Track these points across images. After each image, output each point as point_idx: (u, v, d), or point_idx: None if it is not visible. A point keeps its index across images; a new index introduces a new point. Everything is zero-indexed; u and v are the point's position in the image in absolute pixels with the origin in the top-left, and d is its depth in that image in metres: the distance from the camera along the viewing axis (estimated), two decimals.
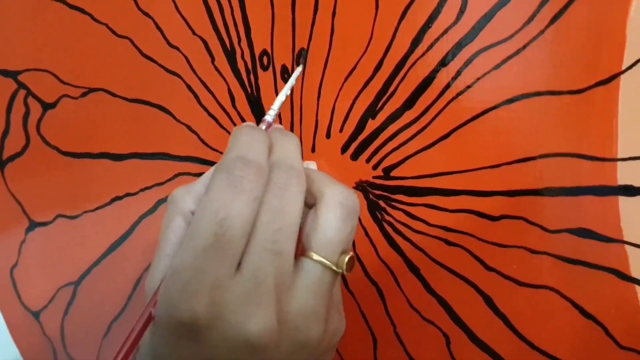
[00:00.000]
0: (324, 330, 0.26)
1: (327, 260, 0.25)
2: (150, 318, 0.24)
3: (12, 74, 0.47)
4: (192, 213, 0.27)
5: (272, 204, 0.25)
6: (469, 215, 0.32)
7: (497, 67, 0.30)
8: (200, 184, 0.28)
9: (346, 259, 0.26)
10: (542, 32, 0.29)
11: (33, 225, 0.49)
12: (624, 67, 0.28)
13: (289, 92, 0.34)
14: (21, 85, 0.47)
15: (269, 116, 0.34)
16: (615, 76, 0.28)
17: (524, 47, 0.29)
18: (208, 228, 0.23)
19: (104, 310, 0.48)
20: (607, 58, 0.28)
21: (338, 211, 0.26)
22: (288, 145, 0.29)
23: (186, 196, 0.27)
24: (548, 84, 0.29)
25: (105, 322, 0.48)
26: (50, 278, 0.50)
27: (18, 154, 0.48)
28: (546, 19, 0.29)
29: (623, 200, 0.28)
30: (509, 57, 0.30)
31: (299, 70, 0.35)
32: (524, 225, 0.31)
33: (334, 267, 0.26)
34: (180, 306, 0.23)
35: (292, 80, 0.34)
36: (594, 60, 0.28)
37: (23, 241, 0.50)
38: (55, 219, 0.48)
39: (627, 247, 0.29)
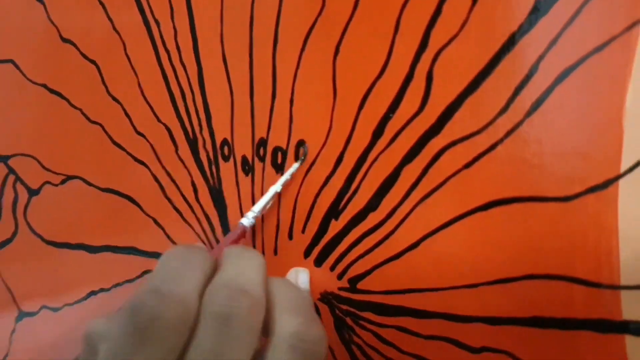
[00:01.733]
0: None
1: None
2: None
3: (3, 159, 0.45)
4: None
5: (204, 347, 0.20)
6: (445, 343, 0.26)
7: (469, 165, 0.25)
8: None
9: None
10: (519, 123, 0.23)
11: (22, 315, 0.47)
12: (622, 170, 0.21)
13: (279, 190, 0.29)
14: (11, 170, 0.45)
15: (246, 219, 0.29)
16: (612, 181, 0.22)
17: (499, 141, 0.24)
18: None
19: None
20: (602, 156, 0.22)
21: (288, 357, 0.21)
22: (243, 263, 0.23)
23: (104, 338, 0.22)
24: (531, 188, 0.23)
25: None
26: None
27: (9, 240, 0.47)
28: (524, 107, 0.23)
29: (630, 340, 0.22)
30: (483, 153, 0.24)
31: (295, 166, 0.30)
32: None
33: None
34: None
35: (286, 176, 0.30)
36: (585, 158, 0.22)
37: (13, 331, 0.48)
38: (40, 309, 0.46)
39: None
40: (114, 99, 0.37)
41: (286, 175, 0.29)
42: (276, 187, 0.29)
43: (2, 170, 0.46)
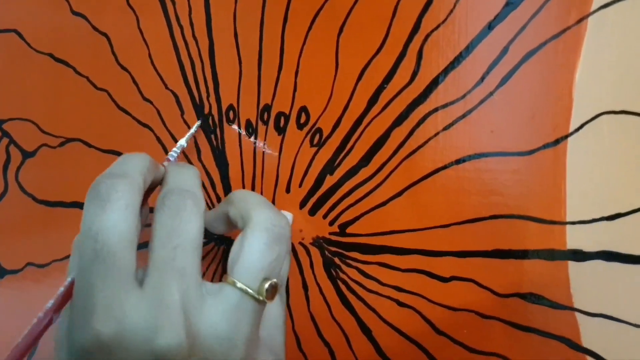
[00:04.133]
0: None
1: (247, 286, 0.25)
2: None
3: None
4: None
5: (165, 223, 0.25)
6: (420, 275, 0.31)
7: (447, 127, 0.30)
8: None
9: (266, 285, 0.25)
10: (491, 93, 0.29)
11: (3, 272, 0.49)
12: (571, 130, 0.28)
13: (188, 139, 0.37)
14: (5, 133, 0.48)
15: (172, 154, 0.36)
16: (563, 138, 0.28)
17: (474, 108, 0.30)
18: (86, 245, 0.23)
19: None
20: (555, 120, 0.28)
21: (264, 236, 0.26)
22: (183, 175, 0.29)
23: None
24: (497, 145, 0.29)
25: None
26: (17, 327, 0.49)
27: None
28: (495, 80, 0.29)
29: (572, 266, 0.28)
30: (460, 118, 0.30)
31: (197, 124, 0.38)
32: (474, 287, 0.30)
33: (255, 294, 0.25)
34: (81, 331, 0.22)
35: (192, 130, 0.38)
36: (542, 122, 0.28)
37: None
38: (25, 266, 0.48)
39: (577, 314, 0.28)
40: (123, 67, 0.41)
41: (191, 132, 0.38)
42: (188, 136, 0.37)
43: None
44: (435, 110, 0.31)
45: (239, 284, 0.25)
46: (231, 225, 0.30)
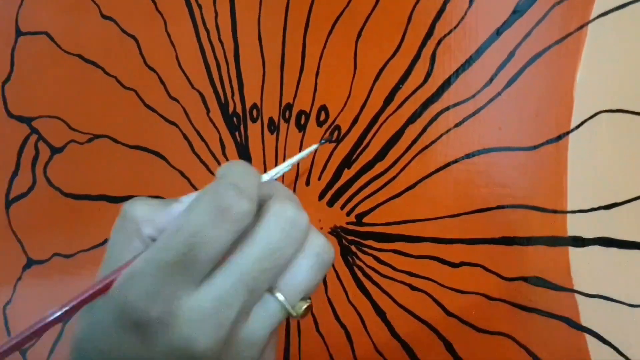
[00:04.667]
0: None
1: (287, 303, 0.26)
2: (101, 291, 0.24)
3: (27, 120, 0.50)
4: (153, 240, 0.26)
5: (272, 239, 0.25)
6: (432, 261, 0.34)
7: (458, 124, 0.33)
8: (164, 209, 0.26)
9: (304, 307, 0.26)
10: (499, 93, 0.32)
11: (30, 262, 0.51)
12: (572, 127, 0.30)
13: (295, 162, 0.35)
14: (34, 130, 0.50)
15: (267, 175, 0.35)
16: (565, 135, 0.30)
17: (483, 106, 0.32)
18: (179, 247, 0.23)
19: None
20: (557, 118, 0.31)
21: (313, 260, 0.26)
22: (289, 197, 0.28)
23: (149, 223, 0.26)
24: (504, 141, 0.32)
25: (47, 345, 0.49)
26: (41, 315, 0.51)
27: (24, 194, 0.51)
28: (503, 82, 0.32)
29: (573, 251, 0.30)
30: (470, 116, 0.33)
31: (313, 147, 0.37)
32: (481, 272, 0.33)
33: (292, 311, 0.26)
34: (135, 304, 0.23)
35: (303, 154, 0.36)
36: (545, 119, 0.31)
37: (19, 278, 0.52)
38: (51, 257, 0.50)
39: (577, 296, 0.30)
40: (151, 68, 0.44)
41: (303, 154, 0.36)
42: (292, 161, 0.35)
43: (24, 130, 0.51)
44: (447, 108, 0.33)
45: (282, 299, 0.26)
46: None
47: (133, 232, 0.26)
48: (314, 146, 0.37)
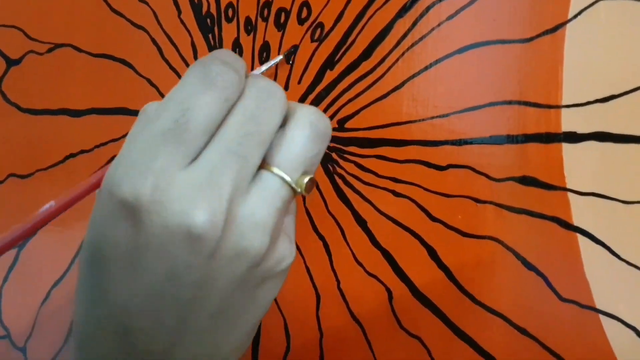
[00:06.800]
0: (268, 247, 0.25)
1: (287, 176, 0.25)
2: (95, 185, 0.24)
3: None
4: None
5: (248, 106, 0.24)
6: (417, 165, 0.32)
7: (451, 17, 0.31)
8: None
9: (306, 179, 0.25)
10: None
11: None
12: (569, 16, 0.29)
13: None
14: None
15: None
16: (561, 25, 0.29)
17: None
18: (170, 114, 0.23)
19: (44, 276, 0.46)
20: (554, 7, 0.29)
21: (307, 130, 0.25)
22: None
23: None
24: (498, 34, 0.30)
25: (45, 287, 0.46)
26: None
27: None
28: None
29: (567, 147, 0.29)
30: (463, 8, 0.31)
31: (277, 59, 0.35)
32: (470, 174, 0.31)
33: (293, 185, 0.25)
34: (123, 184, 0.22)
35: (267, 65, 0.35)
36: (542, 9, 0.29)
37: None
38: (6, 178, 0.47)
39: (569, 194, 0.29)
40: None
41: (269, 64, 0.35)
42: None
43: None
44: (440, 0, 0.31)
45: (280, 172, 0.24)
46: None
47: None
48: (278, 58, 0.36)
